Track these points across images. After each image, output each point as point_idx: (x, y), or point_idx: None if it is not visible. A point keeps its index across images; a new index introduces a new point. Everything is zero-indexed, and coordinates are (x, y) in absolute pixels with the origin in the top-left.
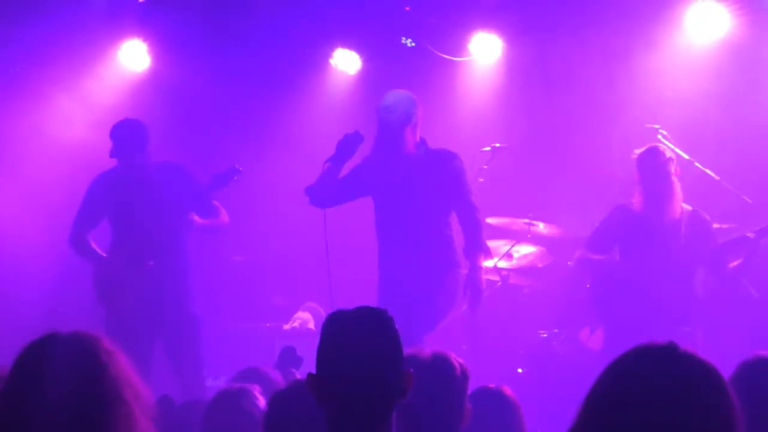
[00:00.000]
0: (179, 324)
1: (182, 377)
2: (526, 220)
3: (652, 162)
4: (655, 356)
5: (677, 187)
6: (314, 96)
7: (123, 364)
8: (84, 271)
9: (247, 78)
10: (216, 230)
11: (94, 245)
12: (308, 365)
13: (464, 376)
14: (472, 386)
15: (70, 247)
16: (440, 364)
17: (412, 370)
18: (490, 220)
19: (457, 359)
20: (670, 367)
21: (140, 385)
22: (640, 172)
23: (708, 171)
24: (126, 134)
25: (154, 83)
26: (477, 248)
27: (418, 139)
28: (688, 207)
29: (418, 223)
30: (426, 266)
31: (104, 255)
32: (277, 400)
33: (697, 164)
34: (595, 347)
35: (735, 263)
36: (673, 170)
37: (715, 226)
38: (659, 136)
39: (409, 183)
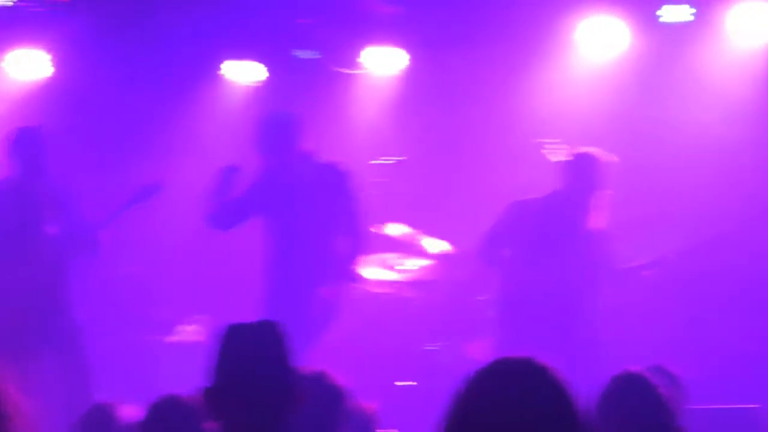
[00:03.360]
0: (61, 335)
1: (69, 388)
2: (418, 233)
3: (586, 166)
4: (510, 371)
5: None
6: (209, 107)
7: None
8: None
9: (144, 87)
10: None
11: None
12: (194, 377)
13: (341, 393)
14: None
15: None
16: (318, 380)
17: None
18: (382, 231)
19: (335, 377)
20: (521, 383)
21: (21, 400)
22: (570, 175)
23: None
24: (32, 146)
25: (50, 92)
26: (349, 275)
27: (306, 152)
28: None
29: (304, 238)
30: (309, 281)
31: None
32: (153, 411)
33: None
34: (483, 358)
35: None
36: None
37: None
38: (555, 151)
39: (296, 199)
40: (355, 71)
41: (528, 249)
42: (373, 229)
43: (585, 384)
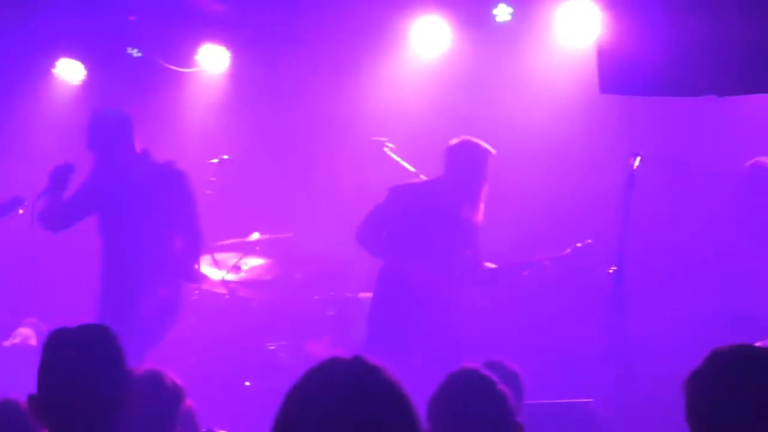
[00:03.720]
0: None
1: None
2: (255, 233)
3: (475, 155)
4: (340, 372)
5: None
6: (38, 106)
7: None
8: None
9: None
10: None
11: None
12: (29, 382)
13: (177, 393)
14: (201, 401)
15: None
16: (152, 380)
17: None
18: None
19: (170, 377)
20: (351, 383)
21: None
22: (458, 162)
23: None
24: None
25: None
26: (186, 275)
27: (140, 151)
28: None
29: (140, 238)
30: (146, 282)
31: None
32: None
33: (422, 177)
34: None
35: None
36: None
37: None
38: (386, 149)
39: (129, 198)
40: (188, 69)
41: (409, 235)
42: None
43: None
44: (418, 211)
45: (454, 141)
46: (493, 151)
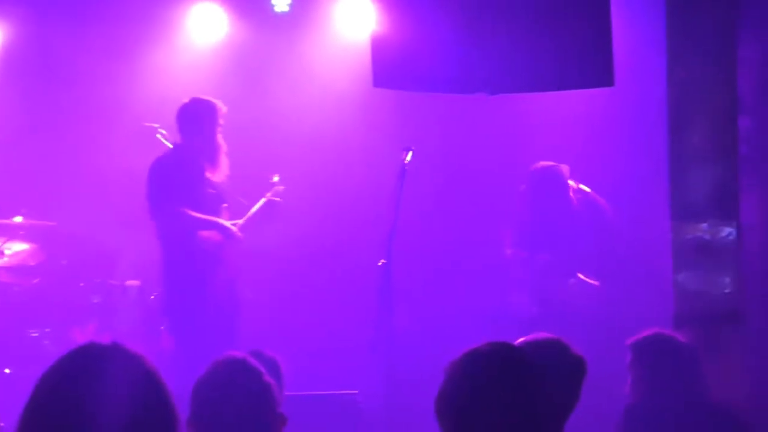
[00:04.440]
0: None
1: None
2: (20, 217)
3: (201, 112)
4: (91, 359)
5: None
6: None
7: None
8: None
9: None
10: None
11: None
12: None
13: None
14: None
15: None
16: None
17: None
18: None
19: None
20: (105, 371)
21: None
22: (187, 123)
23: None
24: None
25: None
26: None
27: None
28: None
29: None
30: None
31: None
32: None
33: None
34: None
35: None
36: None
37: None
38: (158, 135)
39: None
40: None
41: (182, 200)
42: None
43: None
44: (178, 177)
45: (184, 101)
46: (223, 107)
